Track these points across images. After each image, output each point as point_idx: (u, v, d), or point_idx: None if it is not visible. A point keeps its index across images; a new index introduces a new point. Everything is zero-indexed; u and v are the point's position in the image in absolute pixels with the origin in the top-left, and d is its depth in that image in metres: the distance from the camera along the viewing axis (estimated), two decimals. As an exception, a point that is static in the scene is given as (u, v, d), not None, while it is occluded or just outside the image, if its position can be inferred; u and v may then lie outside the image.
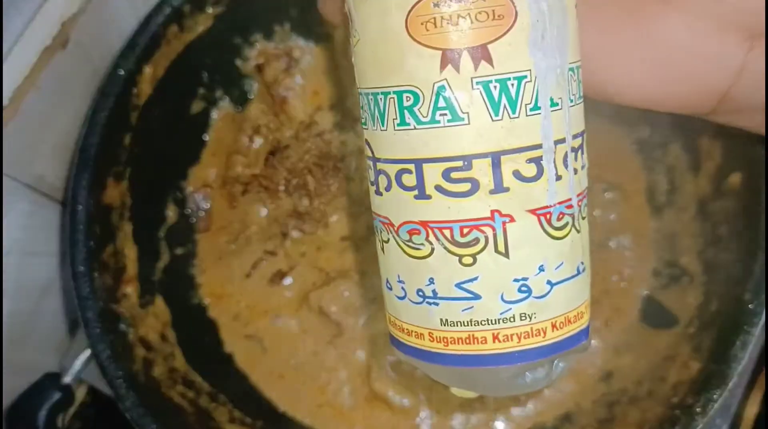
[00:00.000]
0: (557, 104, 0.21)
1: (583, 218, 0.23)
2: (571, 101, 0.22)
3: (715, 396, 0.34)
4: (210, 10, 0.44)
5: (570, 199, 0.22)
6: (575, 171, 0.22)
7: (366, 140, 0.23)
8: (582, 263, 0.23)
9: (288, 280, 0.45)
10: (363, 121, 0.23)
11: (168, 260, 0.45)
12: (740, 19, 0.22)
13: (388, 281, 0.24)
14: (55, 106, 0.40)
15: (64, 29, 0.38)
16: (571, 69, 0.22)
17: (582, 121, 0.22)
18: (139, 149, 0.42)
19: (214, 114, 0.48)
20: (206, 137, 0.48)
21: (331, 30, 0.47)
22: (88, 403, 0.47)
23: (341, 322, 0.43)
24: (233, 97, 0.48)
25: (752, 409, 0.40)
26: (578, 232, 0.23)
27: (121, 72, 0.40)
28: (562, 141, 0.21)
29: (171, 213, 0.46)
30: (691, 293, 0.41)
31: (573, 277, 0.23)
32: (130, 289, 0.41)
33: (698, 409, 0.34)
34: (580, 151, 0.22)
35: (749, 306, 0.35)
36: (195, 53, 0.44)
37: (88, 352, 0.39)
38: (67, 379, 0.40)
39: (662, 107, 0.24)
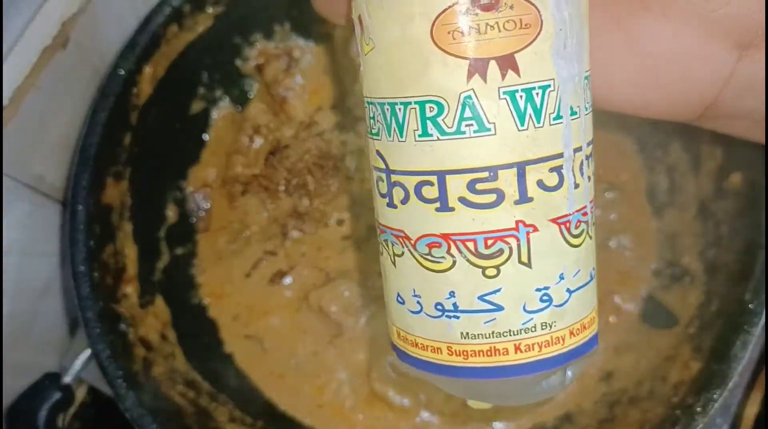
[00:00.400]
0: (576, 113, 0.21)
1: (593, 224, 0.23)
2: (586, 109, 0.22)
3: (715, 396, 0.34)
4: (210, 10, 0.44)
5: (585, 207, 0.22)
6: (588, 178, 0.22)
7: (377, 151, 0.22)
8: (593, 269, 0.23)
9: (288, 280, 0.45)
10: (374, 131, 0.22)
11: (168, 260, 0.45)
12: (730, 26, 0.21)
13: (399, 295, 0.23)
14: (55, 106, 0.40)
15: (64, 29, 0.38)
16: (586, 77, 0.22)
17: (592, 129, 0.22)
18: (139, 149, 0.42)
19: (214, 114, 0.48)
20: (206, 137, 0.48)
21: (331, 29, 0.47)
22: (88, 403, 0.47)
23: (341, 322, 0.43)
24: (233, 97, 0.48)
25: (752, 409, 0.40)
26: (590, 238, 0.23)
27: (121, 72, 0.40)
28: (579, 149, 0.21)
29: (171, 213, 0.46)
30: (691, 293, 0.40)
31: (587, 283, 0.23)
32: (130, 289, 0.41)
33: (699, 409, 0.34)
34: (590, 159, 0.22)
35: (750, 306, 0.35)
36: (195, 53, 0.44)
37: (88, 352, 0.39)
38: (67, 379, 0.40)
39: (649, 114, 0.24)
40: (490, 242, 0.21)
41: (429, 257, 0.22)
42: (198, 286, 0.46)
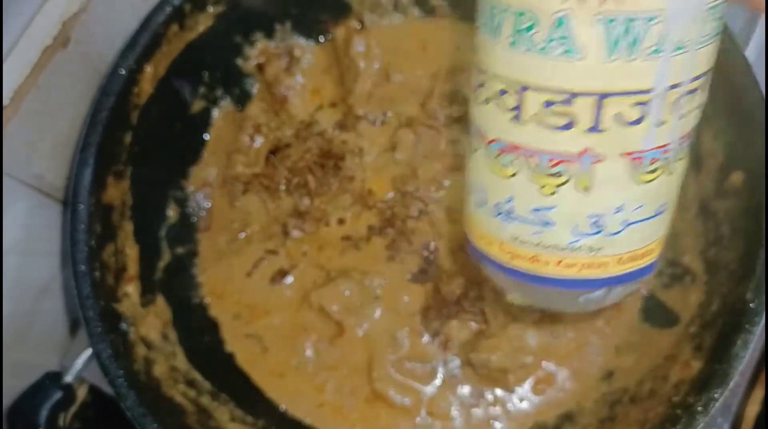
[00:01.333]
0: (682, 47, 0.20)
1: (681, 159, 0.22)
2: (702, 42, 0.20)
3: (716, 395, 0.34)
4: (211, 9, 0.44)
5: (668, 144, 0.21)
6: (681, 116, 0.21)
7: (479, 46, 0.23)
8: (665, 204, 0.23)
9: (289, 279, 0.45)
10: (480, 26, 0.22)
11: (169, 259, 0.45)
12: None
13: (471, 185, 0.25)
14: (55, 105, 0.40)
15: (64, 28, 0.38)
16: (713, 7, 0.20)
17: (712, 58, 0.21)
18: (140, 148, 0.42)
19: (215, 113, 0.48)
20: (207, 136, 0.48)
21: (332, 28, 0.47)
22: (89, 402, 0.47)
23: (342, 322, 0.43)
24: (234, 96, 0.48)
25: (753, 408, 0.40)
26: (670, 174, 0.22)
27: (122, 71, 0.40)
28: (678, 85, 0.20)
29: (172, 212, 0.46)
30: (692, 292, 0.40)
31: (651, 217, 0.22)
32: (131, 289, 0.41)
33: (699, 408, 0.34)
34: (696, 92, 0.21)
35: (750, 305, 0.35)
36: (196, 52, 0.44)
37: (89, 352, 0.39)
38: (68, 378, 0.40)
39: None
40: (552, 162, 0.21)
41: (497, 161, 0.22)
42: (199, 286, 0.46)
